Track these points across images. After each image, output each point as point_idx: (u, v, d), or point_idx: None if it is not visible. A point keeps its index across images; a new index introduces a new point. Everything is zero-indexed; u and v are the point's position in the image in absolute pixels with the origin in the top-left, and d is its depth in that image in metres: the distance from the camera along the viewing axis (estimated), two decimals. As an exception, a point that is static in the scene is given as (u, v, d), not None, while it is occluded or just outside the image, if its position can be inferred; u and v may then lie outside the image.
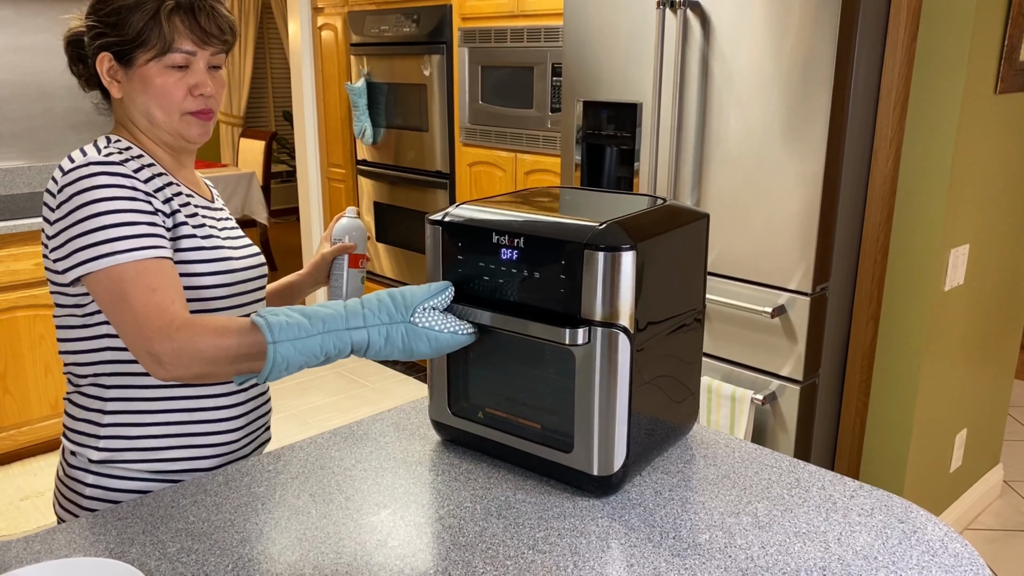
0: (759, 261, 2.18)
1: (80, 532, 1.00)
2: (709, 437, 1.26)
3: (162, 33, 1.12)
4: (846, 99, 2.03)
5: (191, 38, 1.14)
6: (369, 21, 3.74)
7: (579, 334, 1.01)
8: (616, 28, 2.38)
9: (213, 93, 1.17)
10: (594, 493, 1.08)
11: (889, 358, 2.29)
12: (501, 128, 3.26)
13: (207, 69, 1.17)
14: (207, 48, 1.15)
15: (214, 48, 1.16)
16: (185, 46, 1.13)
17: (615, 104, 2.44)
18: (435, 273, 1.16)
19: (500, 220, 1.09)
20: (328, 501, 1.07)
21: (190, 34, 1.14)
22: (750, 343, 2.23)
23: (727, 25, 2.13)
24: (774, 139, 2.09)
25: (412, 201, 3.78)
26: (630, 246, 1.00)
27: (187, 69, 1.15)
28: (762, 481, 1.13)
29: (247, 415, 1.26)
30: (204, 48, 1.15)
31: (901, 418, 2.30)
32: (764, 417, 2.26)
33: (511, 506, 1.06)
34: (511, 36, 3.12)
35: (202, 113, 1.18)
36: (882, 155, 2.16)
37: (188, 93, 1.15)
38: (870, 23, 2.04)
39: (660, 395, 1.13)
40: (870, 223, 2.20)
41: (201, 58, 1.15)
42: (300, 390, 3.78)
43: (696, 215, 1.15)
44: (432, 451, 1.21)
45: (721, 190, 2.23)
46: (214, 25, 1.15)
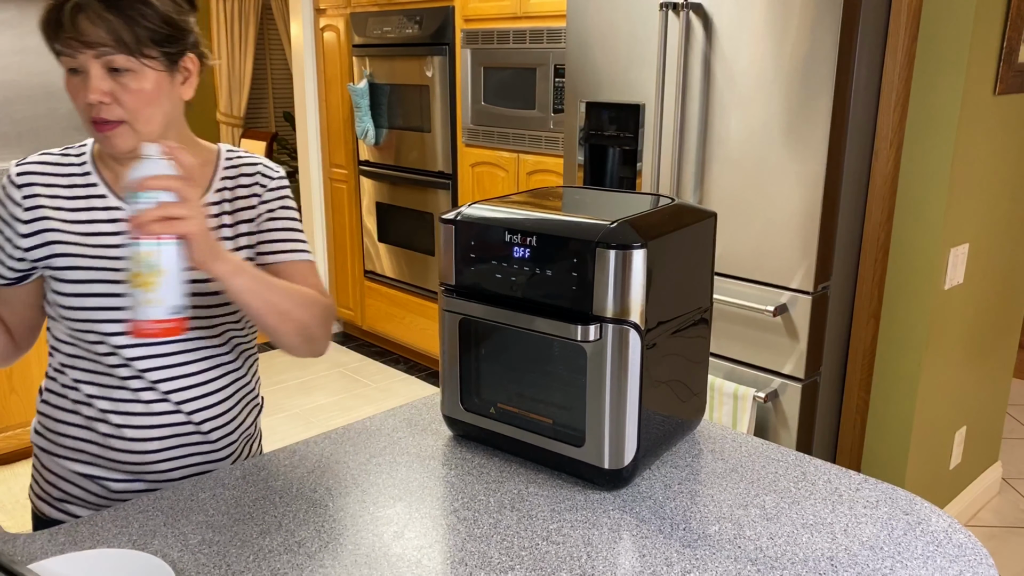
0: (761, 260, 2.20)
1: (103, 524, 1.03)
2: (716, 432, 1.28)
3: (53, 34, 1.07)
4: (847, 100, 2.05)
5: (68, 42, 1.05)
6: (371, 22, 3.76)
7: (591, 331, 1.04)
8: (619, 30, 2.41)
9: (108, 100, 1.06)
10: (605, 486, 1.11)
11: (889, 356, 2.32)
12: (503, 129, 3.28)
13: (106, 73, 1.06)
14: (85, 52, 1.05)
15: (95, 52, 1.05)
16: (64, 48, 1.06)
17: (617, 105, 2.46)
18: (448, 271, 1.18)
19: (512, 219, 1.11)
20: (344, 495, 1.10)
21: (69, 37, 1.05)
22: (752, 341, 2.26)
23: (729, 27, 2.16)
24: (776, 140, 2.12)
25: (414, 201, 3.80)
26: (641, 244, 1.02)
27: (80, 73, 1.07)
28: (769, 475, 1.15)
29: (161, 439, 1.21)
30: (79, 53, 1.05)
31: (901, 416, 2.33)
32: (766, 415, 2.29)
33: (524, 499, 1.08)
34: (513, 37, 3.14)
35: (99, 123, 1.08)
36: (883, 155, 2.18)
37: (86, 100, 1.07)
38: (871, 25, 2.06)
39: (669, 391, 1.15)
40: (871, 223, 2.23)
41: (88, 62, 1.05)
42: (303, 389, 3.81)
43: (704, 214, 1.17)
44: (444, 446, 1.24)
45: (723, 190, 2.25)
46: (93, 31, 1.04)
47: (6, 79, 3.29)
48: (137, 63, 1.07)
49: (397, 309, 4.06)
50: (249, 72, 7.02)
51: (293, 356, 1.25)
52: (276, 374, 3.99)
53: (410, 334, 4.01)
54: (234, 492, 1.11)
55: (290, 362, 4.14)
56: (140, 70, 1.07)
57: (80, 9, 1.05)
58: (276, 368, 4.06)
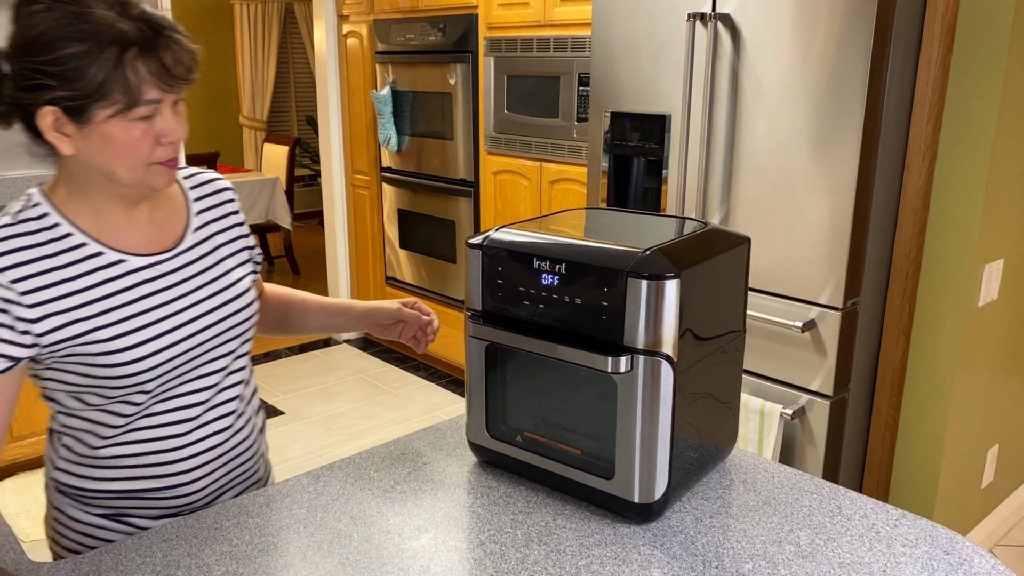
0: (789, 274, 2.17)
1: (126, 554, 1.02)
2: (747, 461, 1.26)
3: (128, 86, 0.96)
4: (879, 112, 2.01)
5: (157, 84, 0.98)
6: (395, 29, 3.75)
7: (621, 362, 1.01)
8: (644, 40, 2.38)
9: (181, 137, 1.04)
10: (635, 520, 1.08)
11: (920, 373, 2.27)
12: (526, 137, 3.26)
13: (173, 106, 1.03)
14: (173, 92, 1.01)
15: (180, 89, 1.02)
16: (151, 95, 0.98)
17: (643, 115, 2.44)
18: (475, 296, 1.16)
19: (541, 244, 1.09)
20: (369, 524, 1.08)
21: (156, 80, 0.98)
22: (779, 357, 2.22)
23: (757, 37, 2.12)
24: (804, 151, 2.08)
25: (436, 209, 3.79)
26: (674, 274, 0.99)
27: (153, 117, 1.00)
28: (803, 508, 1.12)
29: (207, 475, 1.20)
30: (170, 92, 1.01)
31: (932, 434, 2.28)
32: (793, 432, 2.25)
33: (551, 532, 1.06)
34: (537, 46, 3.12)
35: (171, 162, 1.05)
36: (915, 169, 2.14)
37: (155, 143, 1.02)
38: (904, 35, 2.02)
39: (701, 420, 1.12)
40: (902, 237, 2.18)
41: (167, 102, 1.01)
42: (324, 396, 3.81)
43: (737, 239, 1.14)
44: (470, 473, 1.22)
45: (750, 202, 2.22)
46: (181, 65, 1.00)
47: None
48: None
49: (418, 316, 4.05)
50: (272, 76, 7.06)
51: None
52: (297, 380, 3.99)
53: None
54: (258, 520, 1.09)
55: (311, 368, 4.15)
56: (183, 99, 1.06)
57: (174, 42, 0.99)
58: (297, 374, 4.07)
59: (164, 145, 1.02)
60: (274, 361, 4.24)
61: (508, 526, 1.08)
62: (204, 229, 1.18)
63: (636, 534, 1.06)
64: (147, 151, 1.01)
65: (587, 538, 1.05)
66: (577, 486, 1.12)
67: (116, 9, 0.97)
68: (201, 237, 1.17)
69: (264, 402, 3.72)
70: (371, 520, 1.09)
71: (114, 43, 0.95)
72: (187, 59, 1.00)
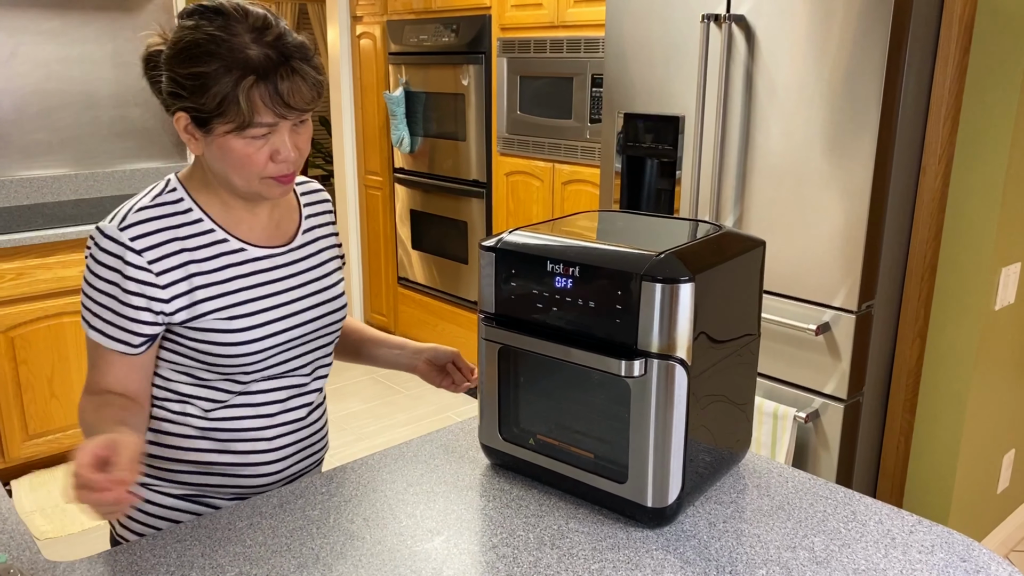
0: (803, 277, 2.16)
1: (141, 554, 1.02)
2: (761, 465, 1.25)
3: (240, 110, 1.03)
4: (895, 113, 2.00)
5: (273, 112, 1.04)
6: (408, 30, 3.76)
7: (635, 366, 1.01)
8: (658, 41, 2.37)
9: (298, 156, 1.10)
10: (648, 524, 1.08)
11: (936, 377, 2.25)
12: (539, 138, 3.26)
13: (293, 127, 1.09)
14: (290, 118, 1.07)
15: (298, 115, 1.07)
16: (266, 119, 1.04)
17: (656, 116, 2.43)
18: (488, 299, 1.16)
19: (555, 247, 1.09)
20: (382, 526, 1.08)
21: (272, 108, 1.04)
22: (793, 360, 2.21)
23: (771, 38, 2.11)
24: (819, 153, 2.07)
25: (448, 209, 3.80)
26: (688, 277, 0.99)
27: (269, 136, 1.07)
28: (817, 513, 1.11)
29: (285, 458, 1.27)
30: (287, 119, 1.07)
31: (948, 438, 2.26)
32: (806, 435, 2.23)
33: (564, 535, 1.06)
34: (551, 47, 3.12)
35: (284, 177, 1.11)
36: (931, 170, 2.12)
37: (270, 159, 1.08)
38: (920, 36, 2.01)
39: (715, 424, 1.12)
40: (917, 240, 2.16)
41: (285, 124, 1.07)
42: (336, 396, 3.82)
43: (752, 243, 1.14)
44: (482, 475, 1.22)
45: (765, 204, 2.21)
46: (298, 95, 1.05)
47: (50, 87, 3.34)
48: None
49: (430, 316, 4.05)
50: (285, 77, 7.08)
51: None
52: (309, 380, 4.01)
53: (442, 341, 4.00)
54: (271, 521, 1.10)
55: (323, 368, 4.16)
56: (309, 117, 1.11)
57: (295, 72, 1.05)
58: (310, 374, 4.08)
59: (278, 163, 1.09)
60: (287, 361, 4.26)
61: (521, 529, 1.07)
62: (312, 232, 1.27)
63: (649, 538, 1.05)
64: (261, 166, 1.08)
65: (600, 542, 1.04)
66: (590, 490, 1.11)
67: (253, 34, 1.04)
68: (309, 238, 1.26)
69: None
70: (384, 522, 1.09)
71: (238, 68, 1.02)
72: (307, 89, 1.05)
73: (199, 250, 1.13)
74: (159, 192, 1.15)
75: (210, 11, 1.07)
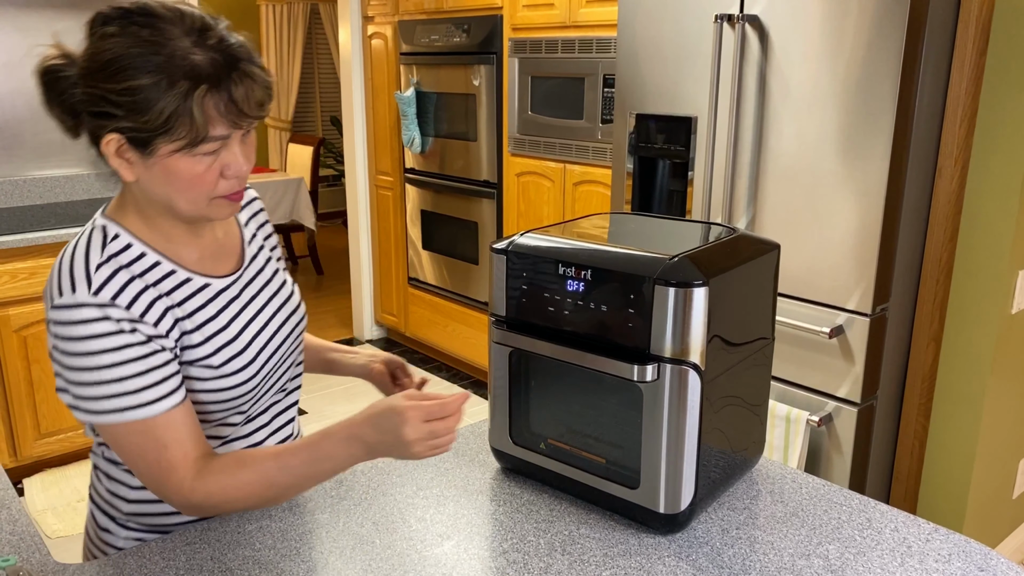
0: (817, 279, 2.14)
1: (150, 557, 1.02)
2: (775, 471, 1.23)
3: (194, 123, 0.91)
4: (910, 114, 1.98)
5: (226, 121, 0.93)
6: (419, 30, 3.75)
7: (648, 371, 1.00)
8: (670, 41, 2.36)
9: (248, 168, 0.99)
10: (660, 530, 1.07)
11: (951, 381, 2.23)
12: (550, 139, 3.25)
13: (242, 136, 0.98)
14: (243, 127, 0.96)
15: (250, 124, 0.96)
16: (219, 131, 0.93)
17: (668, 117, 2.41)
18: (499, 302, 1.16)
19: (567, 250, 1.08)
20: (392, 531, 1.07)
21: (227, 118, 0.93)
22: (806, 363, 2.19)
23: (785, 39, 2.09)
24: (833, 155, 2.05)
25: (459, 210, 3.79)
26: (702, 281, 0.98)
27: (219, 151, 0.96)
28: (832, 520, 1.10)
29: None
30: (240, 128, 0.96)
31: (963, 443, 2.24)
32: (819, 439, 2.21)
33: (575, 541, 1.05)
34: (562, 47, 3.10)
35: (235, 195, 1.00)
36: (947, 172, 2.10)
37: (220, 176, 0.97)
38: (936, 37, 1.98)
39: (728, 429, 1.11)
40: (933, 242, 2.14)
41: (235, 136, 0.96)
42: (347, 396, 3.82)
43: (767, 246, 1.12)
44: (492, 479, 1.21)
45: (778, 206, 2.19)
46: (252, 101, 0.94)
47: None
48: None
49: (440, 316, 4.05)
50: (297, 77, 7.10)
51: None
52: (320, 379, 4.01)
53: (453, 342, 4.00)
54: (280, 525, 1.09)
55: (334, 368, 4.16)
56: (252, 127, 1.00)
57: (247, 75, 0.93)
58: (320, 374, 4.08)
59: (229, 179, 0.98)
60: (297, 360, 4.26)
61: (531, 534, 1.06)
62: (254, 241, 1.17)
63: (661, 545, 1.04)
64: (211, 185, 0.97)
65: (611, 548, 1.03)
66: (601, 495, 1.10)
67: (192, 37, 0.92)
68: (255, 250, 1.16)
69: (287, 401, 3.74)
70: (393, 526, 1.08)
71: (185, 77, 0.90)
72: (260, 93, 0.95)
73: (172, 294, 1.02)
74: (102, 243, 0.99)
75: (136, 14, 0.93)
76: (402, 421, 0.95)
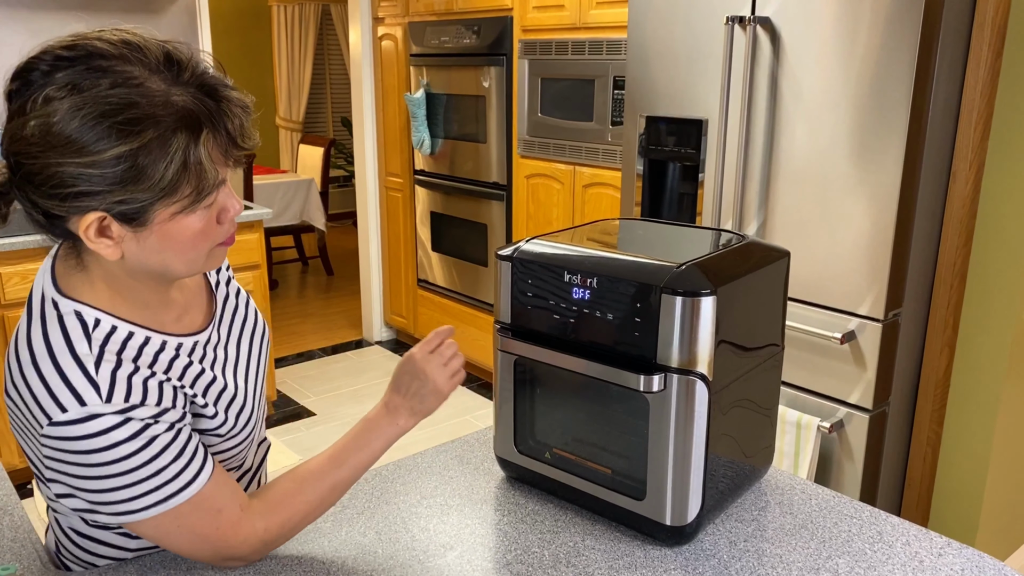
0: (828, 284, 2.11)
1: (151, 566, 1.01)
2: (784, 482, 1.22)
3: (204, 176, 0.80)
4: (924, 117, 1.95)
5: (225, 162, 0.84)
6: (429, 32, 3.75)
7: (654, 381, 0.98)
8: (681, 43, 2.34)
9: (242, 209, 0.90)
10: (666, 543, 1.05)
11: (965, 388, 2.20)
12: (560, 141, 3.23)
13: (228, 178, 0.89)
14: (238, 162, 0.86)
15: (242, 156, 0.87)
16: (222, 175, 0.84)
17: (679, 120, 2.39)
18: (504, 309, 1.14)
19: (572, 257, 1.07)
20: (394, 541, 1.06)
21: (227, 159, 0.83)
22: (817, 368, 2.16)
23: (797, 41, 2.07)
24: (845, 158, 2.02)
25: (468, 212, 3.78)
26: (710, 290, 0.96)
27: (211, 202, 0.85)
28: (842, 533, 1.08)
29: None
30: (238, 165, 0.86)
31: (977, 450, 2.21)
32: (830, 445, 2.19)
33: (580, 553, 1.03)
34: (572, 48, 3.09)
35: (230, 238, 0.90)
36: (961, 176, 2.07)
37: (217, 223, 0.87)
38: (951, 38, 1.96)
39: (736, 439, 1.09)
40: (946, 247, 2.11)
41: (228, 175, 0.87)
42: (355, 398, 3.81)
43: (777, 253, 1.11)
44: (497, 488, 1.19)
45: (789, 209, 2.17)
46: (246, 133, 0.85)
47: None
48: None
49: (449, 318, 4.04)
50: (308, 78, 7.11)
51: None
52: (329, 381, 4.01)
53: (462, 344, 3.99)
54: (283, 534, 1.08)
55: (343, 369, 4.16)
56: None
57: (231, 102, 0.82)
58: (329, 375, 4.08)
59: (225, 223, 0.88)
60: (307, 362, 4.26)
61: (536, 546, 1.05)
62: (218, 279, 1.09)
63: (667, 557, 1.02)
64: (212, 238, 0.87)
65: (616, 560, 1.02)
66: (607, 506, 1.09)
67: (162, 74, 0.79)
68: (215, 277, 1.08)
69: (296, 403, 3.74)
70: (396, 536, 1.07)
71: (180, 127, 0.77)
72: (247, 119, 0.84)
73: (170, 370, 0.92)
74: (85, 335, 0.86)
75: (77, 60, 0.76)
76: (412, 362, 1.02)
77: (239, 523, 0.94)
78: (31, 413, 0.84)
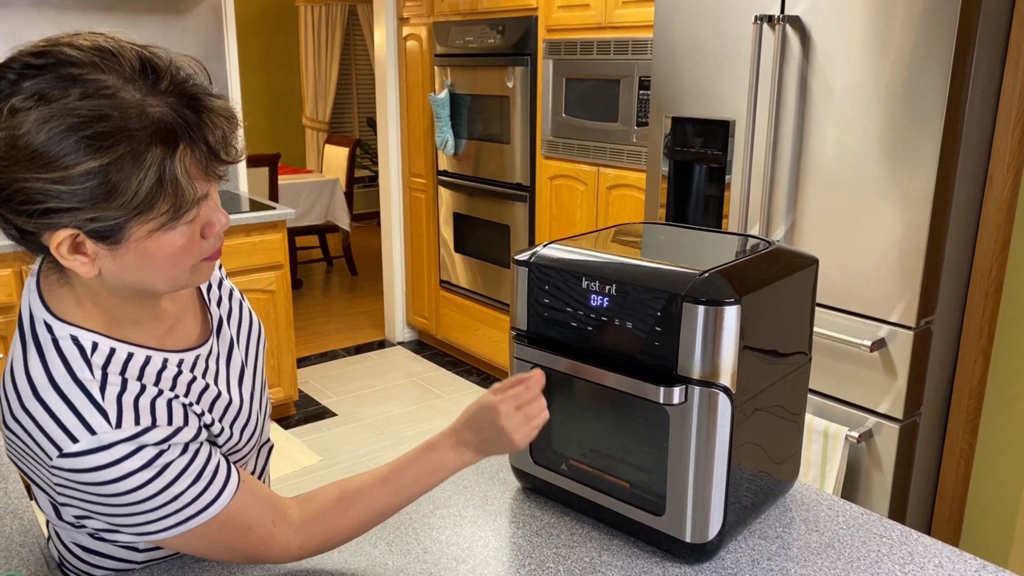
0: (858, 290, 2.05)
1: (158, 574, 0.99)
2: (810, 497, 1.17)
3: (180, 193, 0.75)
4: (960, 118, 1.89)
5: (206, 176, 0.78)
6: (454, 32, 3.73)
7: (675, 393, 0.94)
8: (709, 43, 2.29)
9: (228, 224, 0.84)
10: (686, 560, 1.01)
11: (1000, 398, 2.13)
12: (584, 141, 3.19)
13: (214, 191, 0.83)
14: (221, 175, 0.80)
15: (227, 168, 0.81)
16: (201, 190, 0.78)
17: (706, 120, 2.35)
18: (520, 315, 1.11)
19: (591, 263, 1.03)
20: (406, 552, 1.03)
21: (208, 173, 0.78)
22: (846, 376, 2.11)
23: (828, 40, 2.01)
24: (877, 160, 1.97)
25: (491, 213, 3.75)
26: (734, 299, 0.92)
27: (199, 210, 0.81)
28: (870, 553, 1.03)
29: None
30: (219, 178, 0.80)
31: (1012, 462, 2.13)
32: (859, 455, 2.13)
33: (596, 569, 1.00)
34: (598, 48, 3.05)
35: (216, 252, 0.86)
36: (998, 180, 2.00)
37: (201, 238, 0.83)
38: (989, 37, 1.89)
39: (761, 453, 1.05)
40: (982, 253, 2.04)
41: (213, 188, 0.81)
42: (377, 398, 3.81)
43: (805, 261, 1.06)
44: (512, 499, 1.16)
45: (818, 213, 2.11)
46: (229, 144, 0.79)
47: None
48: None
49: (471, 320, 4.02)
50: (335, 78, 7.13)
51: None
52: (351, 381, 4.00)
53: (483, 345, 3.97)
54: (292, 543, 1.06)
55: (365, 369, 4.15)
56: None
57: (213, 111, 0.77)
58: (352, 375, 4.08)
59: (210, 238, 0.83)
60: (330, 361, 4.26)
61: (551, 560, 1.02)
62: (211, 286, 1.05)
63: (687, 575, 0.99)
64: (195, 254, 0.83)
65: (634, 578, 0.98)
66: (625, 520, 1.05)
67: (137, 83, 0.74)
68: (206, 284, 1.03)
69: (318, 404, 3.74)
70: (407, 547, 1.04)
71: (155, 142, 0.72)
72: (230, 130, 0.79)
73: (175, 386, 0.90)
74: (84, 360, 0.83)
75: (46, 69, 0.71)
76: (496, 416, 0.95)
77: (271, 539, 0.91)
78: (37, 445, 0.81)
